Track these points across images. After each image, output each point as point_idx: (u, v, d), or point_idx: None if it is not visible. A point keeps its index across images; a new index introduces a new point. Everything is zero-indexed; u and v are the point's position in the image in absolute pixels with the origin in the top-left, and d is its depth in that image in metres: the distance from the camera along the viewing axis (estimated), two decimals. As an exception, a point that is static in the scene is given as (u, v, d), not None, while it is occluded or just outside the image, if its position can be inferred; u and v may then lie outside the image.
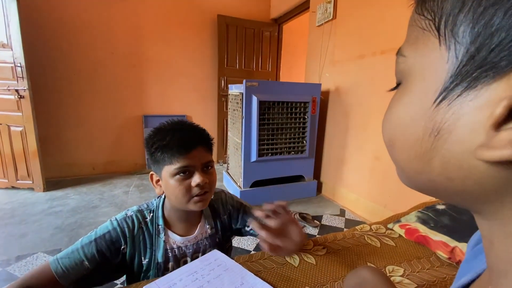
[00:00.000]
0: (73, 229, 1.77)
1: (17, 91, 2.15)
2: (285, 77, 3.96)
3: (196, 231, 0.70)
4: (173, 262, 0.67)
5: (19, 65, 2.12)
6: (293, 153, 2.30)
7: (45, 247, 1.56)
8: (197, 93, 3.22)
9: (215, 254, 0.67)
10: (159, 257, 0.65)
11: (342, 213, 2.16)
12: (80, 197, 2.29)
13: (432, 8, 0.16)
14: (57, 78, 2.59)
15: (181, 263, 0.68)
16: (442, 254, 0.74)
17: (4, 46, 2.10)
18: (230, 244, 0.82)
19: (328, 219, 2.03)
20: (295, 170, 2.37)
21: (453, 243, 0.73)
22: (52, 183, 2.52)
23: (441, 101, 0.15)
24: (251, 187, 2.22)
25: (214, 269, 0.62)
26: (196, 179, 0.61)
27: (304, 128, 2.28)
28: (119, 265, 0.64)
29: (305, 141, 2.31)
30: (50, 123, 2.62)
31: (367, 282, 0.50)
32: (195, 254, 0.70)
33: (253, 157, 2.15)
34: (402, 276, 0.66)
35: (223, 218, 0.77)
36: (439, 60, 0.16)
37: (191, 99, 3.21)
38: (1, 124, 2.25)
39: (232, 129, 2.48)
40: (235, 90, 2.26)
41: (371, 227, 0.90)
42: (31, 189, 2.38)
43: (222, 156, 3.39)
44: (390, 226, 0.91)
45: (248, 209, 0.79)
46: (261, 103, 2.05)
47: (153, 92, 3.01)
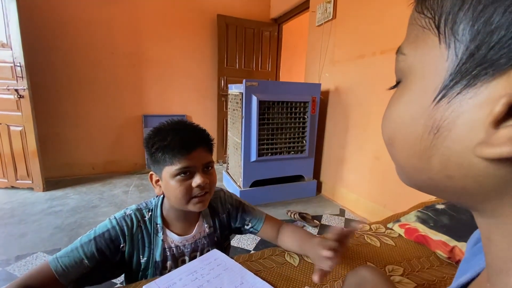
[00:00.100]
0: (73, 229, 1.77)
1: (16, 90, 2.15)
2: (285, 77, 3.96)
3: (194, 230, 0.70)
4: (171, 261, 0.67)
5: (18, 64, 2.11)
6: (292, 153, 2.30)
7: (44, 246, 1.56)
8: (197, 93, 3.22)
9: (215, 253, 0.67)
10: (157, 256, 0.66)
11: (341, 213, 2.16)
12: (79, 197, 2.29)
13: (432, 6, 0.16)
14: (56, 77, 2.59)
15: (179, 262, 0.69)
16: (441, 253, 0.74)
17: (3, 45, 2.10)
18: (228, 243, 0.82)
19: (327, 219, 2.03)
20: (295, 170, 2.37)
21: (452, 242, 0.73)
22: (51, 183, 2.51)
23: (440, 99, 0.15)
24: (251, 186, 2.22)
25: (213, 268, 0.62)
26: (197, 179, 0.61)
27: (304, 128, 2.28)
28: (118, 264, 0.64)
29: (304, 141, 2.31)
30: (49, 123, 2.61)
31: (367, 281, 0.50)
32: (193, 253, 0.70)
33: (253, 157, 2.15)
34: (401, 275, 0.67)
35: (222, 217, 0.77)
36: (439, 58, 0.16)
37: (190, 99, 3.21)
38: (0, 123, 2.24)
39: (232, 129, 2.48)
40: (235, 90, 2.26)
41: (370, 226, 0.91)
42: (31, 189, 2.37)
43: (221, 156, 3.39)
44: (389, 225, 0.91)
45: (247, 208, 0.79)
46: (261, 103, 2.05)
47: (153, 92, 3.01)
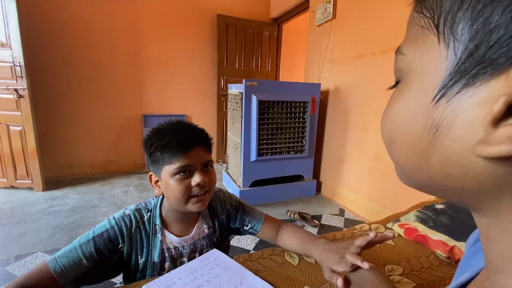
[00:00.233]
0: (72, 229, 1.77)
1: (16, 90, 2.15)
2: (284, 76, 3.97)
3: (193, 231, 0.70)
4: (169, 262, 0.67)
5: (18, 64, 2.11)
6: (292, 152, 2.30)
7: (44, 246, 1.56)
8: (196, 93, 3.22)
9: (215, 253, 0.67)
10: (155, 257, 0.65)
11: (341, 212, 2.16)
12: (79, 196, 2.29)
13: (431, 6, 0.16)
14: (56, 77, 2.58)
15: (178, 263, 0.68)
16: (441, 253, 0.74)
17: (3, 45, 2.10)
18: (228, 243, 0.82)
19: (327, 219, 2.03)
20: (295, 169, 2.37)
21: (452, 242, 0.73)
22: (51, 183, 2.51)
23: (440, 99, 0.15)
24: (251, 186, 2.22)
25: (213, 268, 0.62)
26: (196, 178, 0.61)
27: (303, 127, 2.28)
28: (117, 263, 0.64)
29: (304, 141, 2.31)
30: (49, 123, 2.61)
31: (366, 281, 0.50)
32: (192, 254, 0.70)
33: (253, 156, 2.15)
34: (401, 275, 0.67)
35: (221, 217, 0.76)
36: (438, 58, 0.16)
37: (190, 99, 3.21)
38: (0, 123, 2.24)
39: (231, 128, 2.48)
40: (235, 89, 2.26)
41: (370, 226, 0.91)
42: (30, 188, 2.37)
43: (221, 155, 3.39)
44: (389, 225, 0.91)
45: (247, 208, 0.78)
46: (260, 103, 2.05)
47: (153, 91, 3.01)
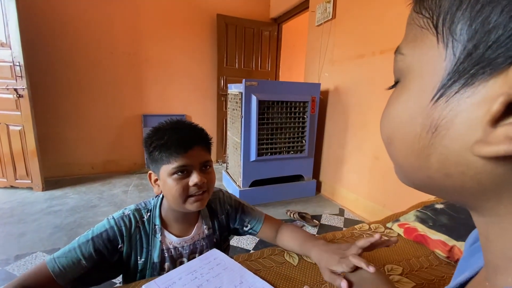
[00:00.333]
0: (72, 229, 1.76)
1: (16, 90, 2.15)
2: (284, 76, 3.96)
3: (193, 232, 0.70)
4: (169, 262, 0.67)
5: (18, 64, 2.11)
6: (292, 152, 2.30)
7: (44, 246, 1.56)
8: (196, 93, 3.22)
9: (214, 253, 0.67)
10: (155, 257, 0.65)
11: (341, 212, 2.16)
12: (79, 196, 2.29)
13: (430, 6, 0.16)
14: (56, 77, 2.58)
15: (177, 263, 0.68)
16: (440, 253, 0.74)
17: (3, 45, 2.10)
18: (227, 244, 0.82)
19: (327, 219, 2.03)
20: (295, 169, 2.37)
21: (451, 242, 0.73)
22: (51, 183, 2.51)
23: (438, 98, 0.16)
24: (250, 186, 2.22)
25: (213, 268, 0.62)
26: (193, 178, 0.61)
27: (303, 127, 2.28)
28: (116, 264, 0.64)
29: (304, 141, 2.32)
30: (49, 122, 2.61)
31: (366, 281, 0.50)
32: (191, 254, 0.70)
33: (253, 156, 2.15)
34: (400, 275, 0.67)
35: (221, 218, 0.76)
36: (437, 58, 0.16)
37: (190, 99, 3.21)
38: (0, 123, 2.24)
39: (231, 128, 2.48)
40: (235, 89, 2.26)
41: (370, 226, 0.91)
42: (30, 188, 2.37)
43: (221, 155, 3.39)
44: (389, 225, 0.91)
45: (246, 209, 0.78)
46: (260, 103, 2.05)
47: (153, 91, 3.01)
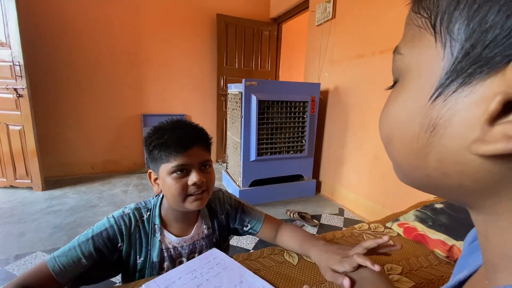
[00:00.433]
0: (72, 228, 1.77)
1: (15, 90, 2.15)
2: (284, 76, 3.96)
3: (192, 231, 0.70)
4: (168, 262, 0.67)
5: (17, 63, 2.11)
6: (292, 152, 2.30)
7: (43, 246, 1.56)
8: (196, 93, 3.22)
9: (214, 252, 0.68)
10: (154, 256, 0.65)
11: (341, 212, 2.17)
12: (79, 196, 2.29)
13: (428, 6, 0.16)
14: (56, 77, 2.58)
15: (177, 263, 0.68)
16: (440, 252, 0.74)
17: (2, 44, 2.10)
18: (227, 244, 0.82)
19: (327, 218, 2.03)
20: (294, 169, 2.37)
21: (451, 241, 0.73)
22: (51, 182, 2.51)
23: (436, 98, 0.16)
24: (250, 186, 2.22)
25: (213, 267, 0.62)
26: (192, 177, 0.61)
27: (303, 127, 2.28)
28: (116, 263, 0.64)
29: (304, 141, 2.32)
30: (48, 122, 2.61)
31: (366, 280, 0.50)
32: (191, 254, 0.70)
33: (252, 156, 2.15)
34: (400, 274, 0.67)
35: (221, 217, 0.76)
36: (435, 57, 0.16)
37: (190, 99, 3.21)
38: (-1, 123, 2.25)
39: (231, 128, 2.48)
40: (235, 89, 2.26)
41: (369, 226, 0.91)
42: (30, 188, 2.37)
43: (221, 155, 3.39)
44: (388, 225, 0.91)
45: (246, 208, 0.78)
46: (260, 103, 2.05)
47: (152, 91, 3.01)
